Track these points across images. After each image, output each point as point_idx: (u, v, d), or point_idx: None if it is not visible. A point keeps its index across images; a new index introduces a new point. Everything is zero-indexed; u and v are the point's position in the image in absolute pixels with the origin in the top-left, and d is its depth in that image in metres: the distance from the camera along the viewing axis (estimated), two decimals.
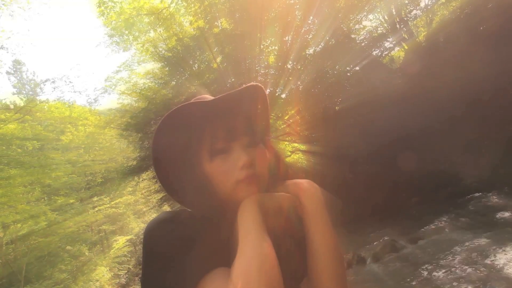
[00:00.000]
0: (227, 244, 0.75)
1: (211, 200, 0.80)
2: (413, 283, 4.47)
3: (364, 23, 12.07)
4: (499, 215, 5.80)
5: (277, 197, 0.80)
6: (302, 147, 12.32)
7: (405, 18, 11.44)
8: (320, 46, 10.95)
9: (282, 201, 0.79)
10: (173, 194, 0.87)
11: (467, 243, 5.02)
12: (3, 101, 15.34)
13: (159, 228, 0.76)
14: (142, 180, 16.10)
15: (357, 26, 11.79)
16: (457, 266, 4.40)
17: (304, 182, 0.84)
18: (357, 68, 10.90)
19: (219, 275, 0.67)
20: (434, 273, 4.47)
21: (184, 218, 0.79)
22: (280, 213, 0.78)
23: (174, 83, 12.17)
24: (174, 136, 0.81)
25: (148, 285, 0.73)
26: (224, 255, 0.71)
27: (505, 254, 4.24)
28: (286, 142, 12.72)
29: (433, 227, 6.44)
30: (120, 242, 17.92)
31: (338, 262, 0.76)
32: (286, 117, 12.07)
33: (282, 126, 12.23)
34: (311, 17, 10.66)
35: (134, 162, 12.89)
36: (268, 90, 10.94)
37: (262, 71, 11.73)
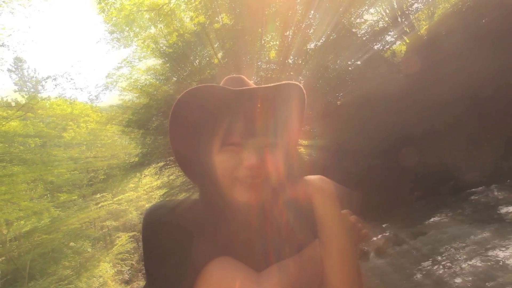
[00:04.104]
0: (229, 235, 0.75)
1: (213, 189, 0.77)
2: (416, 276, 4.48)
3: (365, 17, 12.03)
4: (501, 208, 5.79)
5: None
6: (304, 142, 12.31)
7: (407, 12, 11.37)
8: (321, 41, 10.93)
9: None
10: (183, 169, 0.86)
11: (469, 237, 5.02)
12: (5, 99, 15.33)
13: (157, 216, 0.75)
14: (144, 176, 16.17)
15: (358, 20, 11.76)
16: (460, 260, 4.41)
17: (316, 181, 0.78)
18: (359, 62, 10.87)
19: (222, 264, 0.67)
20: (437, 267, 4.48)
21: (185, 206, 0.78)
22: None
23: (175, 79, 12.17)
24: (190, 115, 0.79)
25: (151, 272, 0.73)
26: (225, 246, 0.71)
27: (508, 247, 4.24)
28: None
29: (435, 221, 6.45)
30: (123, 238, 17.97)
31: (350, 268, 0.71)
32: None
33: None
34: (312, 12, 10.63)
35: (136, 159, 12.92)
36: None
37: (263, 66, 11.71)
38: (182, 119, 0.79)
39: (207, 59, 11.89)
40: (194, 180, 0.87)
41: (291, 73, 11.05)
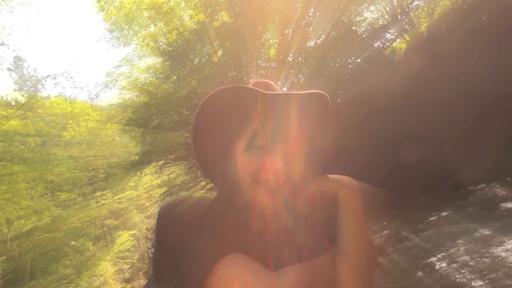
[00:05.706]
0: (241, 232, 0.74)
1: (234, 189, 0.78)
2: (417, 274, 4.49)
3: (365, 14, 12.00)
4: (502, 205, 5.78)
5: None
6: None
7: (407, 9, 11.36)
8: (321, 39, 10.90)
9: None
10: (202, 167, 0.85)
11: (470, 234, 5.02)
12: (5, 98, 15.32)
13: (173, 208, 0.76)
14: (144, 174, 16.16)
15: (358, 18, 11.74)
16: (461, 257, 4.41)
17: (343, 180, 0.78)
18: (359, 60, 10.84)
19: (234, 261, 0.67)
20: (438, 264, 4.48)
21: (199, 203, 0.78)
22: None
23: (175, 77, 12.15)
24: (217, 114, 0.78)
25: (159, 266, 0.73)
26: (237, 242, 0.71)
27: (509, 244, 4.24)
28: None
29: (436, 218, 6.44)
30: (123, 237, 17.99)
31: (365, 270, 0.72)
32: None
33: None
34: (312, 10, 10.60)
35: (136, 157, 12.92)
36: None
37: (263, 65, 11.70)
38: (209, 118, 0.78)
39: (207, 57, 11.88)
40: (214, 180, 0.87)
41: (291, 71, 11.04)
